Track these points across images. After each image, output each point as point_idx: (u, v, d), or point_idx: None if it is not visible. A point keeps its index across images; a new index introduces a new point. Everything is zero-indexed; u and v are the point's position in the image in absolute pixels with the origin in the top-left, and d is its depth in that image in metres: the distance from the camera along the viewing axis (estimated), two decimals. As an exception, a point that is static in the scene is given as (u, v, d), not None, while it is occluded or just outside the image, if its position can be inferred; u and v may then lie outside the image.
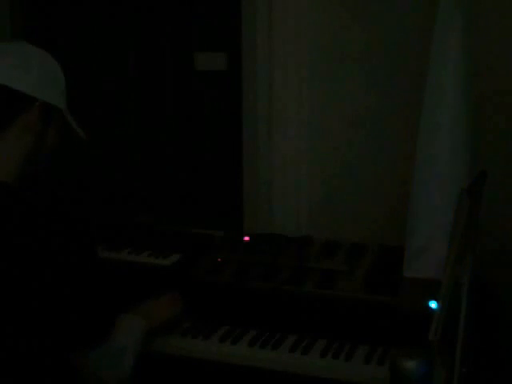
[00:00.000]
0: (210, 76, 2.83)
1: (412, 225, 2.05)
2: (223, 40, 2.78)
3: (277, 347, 2.00)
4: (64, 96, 1.68)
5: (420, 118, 2.05)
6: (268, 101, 2.59)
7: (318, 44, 2.51)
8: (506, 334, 2.13)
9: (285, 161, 2.59)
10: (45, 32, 2.95)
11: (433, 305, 1.82)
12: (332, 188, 2.58)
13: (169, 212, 2.85)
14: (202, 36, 2.82)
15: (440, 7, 1.98)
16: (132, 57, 2.94)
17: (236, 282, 2.16)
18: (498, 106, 2.29)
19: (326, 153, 2.57)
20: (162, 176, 2.94)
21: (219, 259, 2.27)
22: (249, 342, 2.03)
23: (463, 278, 1.48)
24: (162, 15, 2.86)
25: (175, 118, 2.92)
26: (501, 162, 2.28)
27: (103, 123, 2.87)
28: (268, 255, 2.25)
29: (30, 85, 1.57)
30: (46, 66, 1.63)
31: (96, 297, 1.57)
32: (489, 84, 2.24)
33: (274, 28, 2.53)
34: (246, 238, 2.39)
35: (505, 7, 2.26)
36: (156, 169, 2.94)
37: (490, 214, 1.95)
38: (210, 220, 2.70)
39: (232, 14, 2.68)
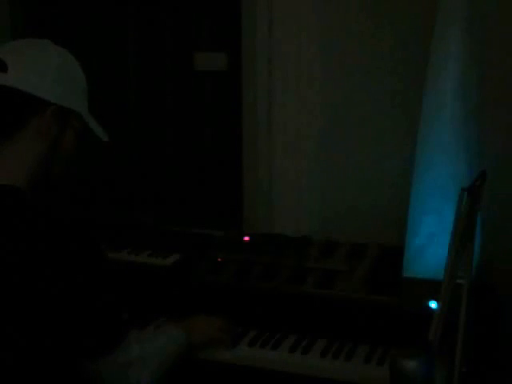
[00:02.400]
0: (210, 76, 2.83)
1: (412, 225, 2.05)
2: (223, 40, 2.78)
3: (277, 347, 2.00)
4: (85, 99, 1.64)
5: (420, 118, 2.05)
6: (268, 101, 2.59)
7: (318, 44, 2.51)
8: (506, 334, 2.13)
9: (285, 161, 2.59)
10: (44, 32, 2.95)
11: (433, 305, 1.83)
12: (332, 188, 2.58)
13: (169, 212, 2.85)
14: (201, 36, 2.82)
15: (440, 7, 1.98)
16: (132, 57, 2.94)
17: (236, 282, 2.16)
18: (498, 105, 2.29)
19: (326, 153, 2.57)
20: (161, 176, 2.94)
21: (219, 259, 2.27)
22: (249, 342, 2.03)
23: (463, 278, 1.47)
24: (161, 15, 2.86)
25: (175, 118, 2.92)
26: (501, 162, 2.28)
27: (103, 123, 2.87)
28: (268, 255, 2.25)
29: (44, 88, 1.53)
30: (64, 68, 1.59)
31: (104, 304, 1.53)
32: (489, 84, 2.24)
33: (274, 28, 2.53)
34: (246, 238, 2.39)
35: (505, 7, 2.26)
36: (156, 169, 2.94)
37: (490, 214, 1.95)
38: (210, 220, 2.70)
39: (232, 14, 2.68)
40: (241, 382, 2.02)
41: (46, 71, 1.54)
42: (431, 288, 1.70)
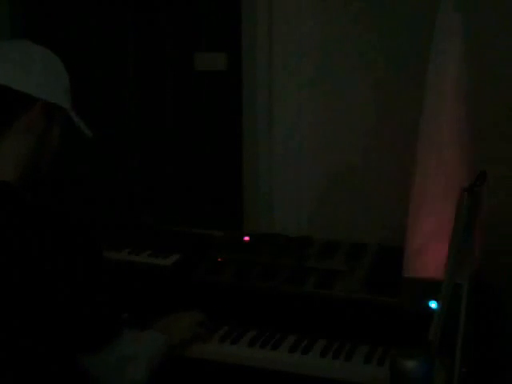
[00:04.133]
0: (210, 76, 2.83)
1: (412, 225, 2.05)
2: (223, 40, 2.78)
3: (277, 347, 2.00)
4: (68, 94, 1.66)
5: (420, 118, 2.05)
6: (268, 101, 2.59)
7: (318, 44, 2.51)
8: (506, 334, 2.13)
9: (285, 160, 2.59)
10: (45, 32, 2.95)
11: (433, 305, 1.82)
12: (332, 188, 2.58)
13: (169, 212, 2.85)
14: (201, 36, 2.82)
15: (440, 8, 1.98)
16: (132, 57, 2.94)
17: (236, 282, 2.16)
18: (498, 106, 2.29)
19: (326, 153, 2.57)
20: (161, 176, 2.94)
21: (219, 259, 2.27)
22: (249, 342, 2.03)
23: (463, 278, 1.47)
24: (162, 15, 2.86)
25: (175, 118, 2.92)
26: (501, 162, 2.28)
27: (103, 123, 2.87)
28: (268, 255, 2.25)
29: (32, 84, 1.55)
30: (49, 65, 1.61)
31: (100, 300, 1.55)
32: (489, 84, 2.24)
33: (274, 28, 2.53)
34: (246, 238, 2.39)
35: (505, 7, 2.26)
36: (156, 169, 2.94)
37: (490, 213, 1.94)
38: (210, 220, 2.70)
39: (232, 14, 2.68)
40: (241, 382, 2.02)
41: (31, 68, 1.57)
42: (431, 288, 1.70)
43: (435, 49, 2.01)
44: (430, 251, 2.00)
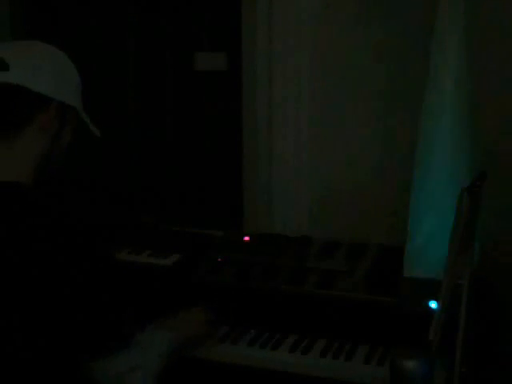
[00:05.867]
0: (210, 76, 2.83)
1: (412, 225, 2.05)
2: (223, 40, 2.78)
3: (277, 347, 2.00)
4: (79, 94, 1.66)
5: (420, 118, 2.05)
6: (268, 101, 2.59)
7: (318, 44, 2.51)
8: (506, 334, 2.13)
9: (285, 161, 2.59)
10: (45, 32, 2.95)
11: (433, 305, 1.83)
12: (332, 188, 2.57)
13: (169, 212, 2.85)
14: (201, 36, 2.82)
15: (440, 7, 1.99)
16: (132, 57, 2.94)
17: (236, 282, 2.16)
18: (498, 105, 2.29)
19: (326, 153, 2.57)
20: (161, 176, 2.94)
21: (219, 259, 2.27)
22: (249, 342, 2.03)
23: (463, 278, 1.48)
24: (162, 15, 2.86)
25: (175, 118, 2.92)
26: (501, 162, 2.28)
27: (103, 123, 2.87)
28: (268, 255, 2.25)
29: (46, 85, 1.55)
30: (61, 65, 1.61)
31: (104, 306, 1.52)
32: (489, 84, 2.24)
33: (273, 28, 2.53)
34: (246, 238, 2.39)
35: (505, 7, 2.26)
36: (156, 169, 2.94)
37: (490, 213, 1.95)
38: (210, 220, 2.70)
39: (232, 14, 2.68)
40: (241, 382, 2.02)
41: (43, 68, 1.56)
42: (431, 288, 1.70)
43: (435, 47, 2.01)
44: (430, 251, 2.00)
